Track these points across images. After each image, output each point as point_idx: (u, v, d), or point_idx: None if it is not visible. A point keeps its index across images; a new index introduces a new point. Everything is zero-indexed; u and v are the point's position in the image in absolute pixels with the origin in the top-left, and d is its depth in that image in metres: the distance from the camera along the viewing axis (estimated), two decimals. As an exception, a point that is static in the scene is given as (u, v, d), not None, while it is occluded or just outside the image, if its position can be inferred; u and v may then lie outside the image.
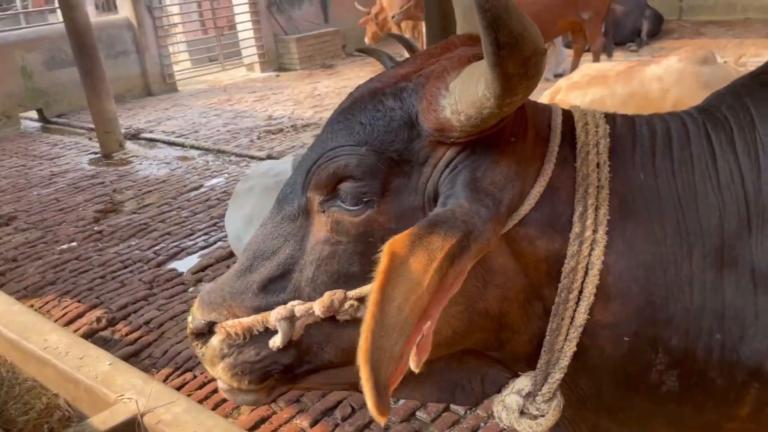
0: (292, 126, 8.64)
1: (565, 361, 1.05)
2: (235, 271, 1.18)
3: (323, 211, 1.08)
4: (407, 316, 0.85)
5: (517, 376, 1.14)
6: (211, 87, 12.11)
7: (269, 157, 7.15)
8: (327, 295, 1.05)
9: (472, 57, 1.04)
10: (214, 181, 6.77)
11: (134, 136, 8.85)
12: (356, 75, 11.63)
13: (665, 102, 5.04)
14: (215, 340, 1.18)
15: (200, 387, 3.38)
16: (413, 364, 0.88)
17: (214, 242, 5.20)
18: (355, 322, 1.06)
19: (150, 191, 6.57)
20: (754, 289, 1.00)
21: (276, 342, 1.10)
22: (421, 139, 1.02)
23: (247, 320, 1.13)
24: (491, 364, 1.18)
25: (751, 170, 1.01)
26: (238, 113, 9.77)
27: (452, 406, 3.03)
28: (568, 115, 1.12)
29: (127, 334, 3.94)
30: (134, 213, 5.98)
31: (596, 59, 8.24)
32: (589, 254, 1.01)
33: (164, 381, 3.39)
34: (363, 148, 1.04)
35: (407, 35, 9.80)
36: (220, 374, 1.19)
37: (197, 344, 1.22)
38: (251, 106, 10.18)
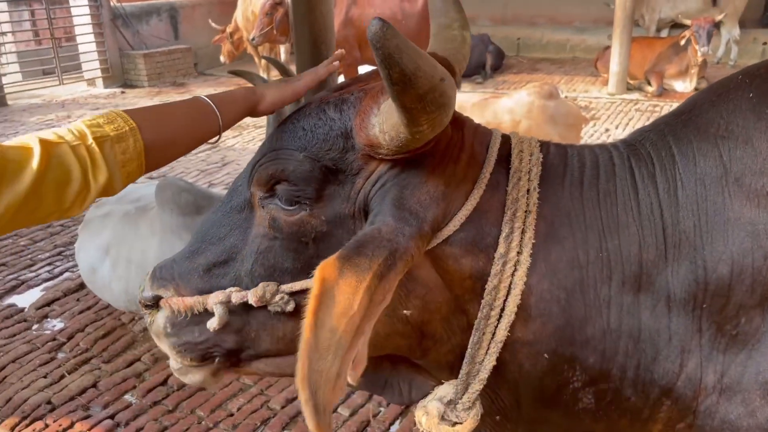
0: (143, 146, 8.15)
1: (484, 374, 1.08)
2: (186, 251, 1.24)
3: (263, 207, 1.15)
4: (340, 338, 0.87)
5: (441, 384, 1.17)
6: (47, 102, 11.10)
7: (119, 179, 6.67)
8: (261, 286, 1.10)
9: None
10: (55, 205, 6.19)
11: (-45, 155, 7.88)
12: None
13: (517, 132, 5.45)
14: (160, 318, 1.24)
15: (53, 436, 3.05)
16: (351, 379, 0.92)
17: (60, 273, 4.74)
18: (285, 314, 1.11)
19: (-22, 217, 5.87)
20: (668, 314, 1.06)
21: (213, 324, 1.14)
22: (355, 151, 1.07)
23: (189, 300, 1.18)
24: (419, 371, 1.23)
25: (669, 205, 1.07)
26: (81, 131, 9.04)
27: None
28: (506, 141, 1.18)
29: (-42, 382, 3.45)
30: (-40, 242, 5.30)
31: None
32: (513, 274, 1.05)
33: (9, 433, 3.00)
34: (301, 154, 1.09)
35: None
36: (168, 350, 1.26)
37: (147, 313, 1.27)
38: (95, 124, 9.46)
